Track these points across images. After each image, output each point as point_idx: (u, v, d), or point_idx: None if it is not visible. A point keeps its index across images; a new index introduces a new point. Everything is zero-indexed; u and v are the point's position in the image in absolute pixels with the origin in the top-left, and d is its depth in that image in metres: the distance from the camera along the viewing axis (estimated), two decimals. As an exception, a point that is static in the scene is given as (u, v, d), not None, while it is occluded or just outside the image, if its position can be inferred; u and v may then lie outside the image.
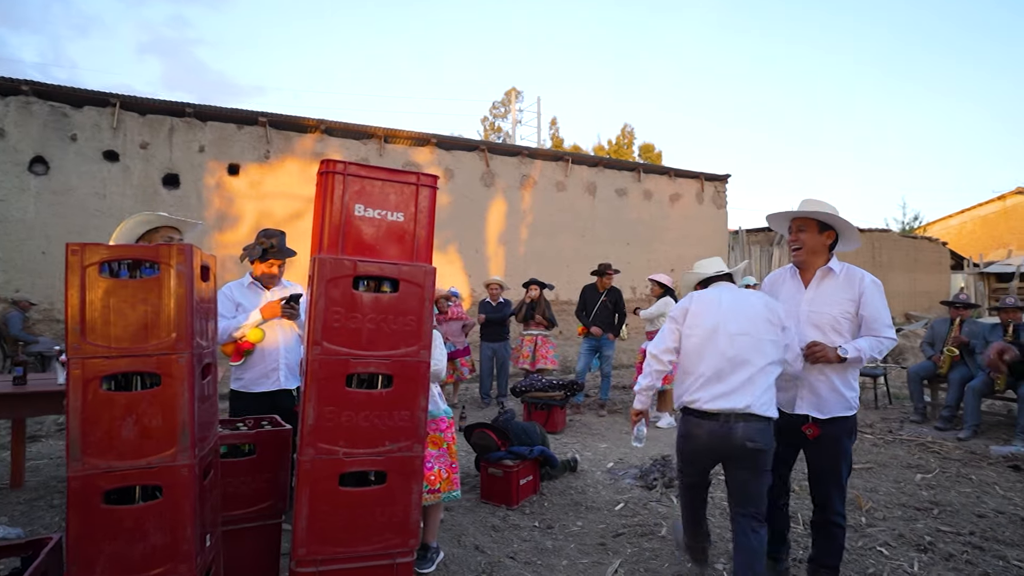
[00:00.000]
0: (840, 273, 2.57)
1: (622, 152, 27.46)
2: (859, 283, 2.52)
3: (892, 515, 3.71)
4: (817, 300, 2.57)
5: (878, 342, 2.50)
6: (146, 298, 1.77)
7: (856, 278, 2.54)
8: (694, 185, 13.72)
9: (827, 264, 2.59)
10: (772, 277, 2.85)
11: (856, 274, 2.56)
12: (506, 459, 3.95)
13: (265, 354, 3.33)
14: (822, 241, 2.59)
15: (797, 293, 2.65)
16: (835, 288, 2.55)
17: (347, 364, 2.09)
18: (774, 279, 2.82)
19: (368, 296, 2.13)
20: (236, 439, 2.48)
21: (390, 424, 2.13)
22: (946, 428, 5.85)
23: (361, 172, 2.15)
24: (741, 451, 2.42)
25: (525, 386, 6.15)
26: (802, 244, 2.60)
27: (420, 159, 10.88)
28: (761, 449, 2.42)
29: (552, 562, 3.11)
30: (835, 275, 2.56)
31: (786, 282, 2.72)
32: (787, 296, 2.68)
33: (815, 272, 2.60)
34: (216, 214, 9.40)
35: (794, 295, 2.65)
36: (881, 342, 2.50)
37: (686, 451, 2.66)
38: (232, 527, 2.39)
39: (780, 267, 2.81)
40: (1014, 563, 3.07)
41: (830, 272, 2.57)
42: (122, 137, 8.82)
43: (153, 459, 1.75)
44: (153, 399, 1.77)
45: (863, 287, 2.51)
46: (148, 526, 1.73)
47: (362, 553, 2.11)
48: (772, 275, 2.86)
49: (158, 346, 1.78)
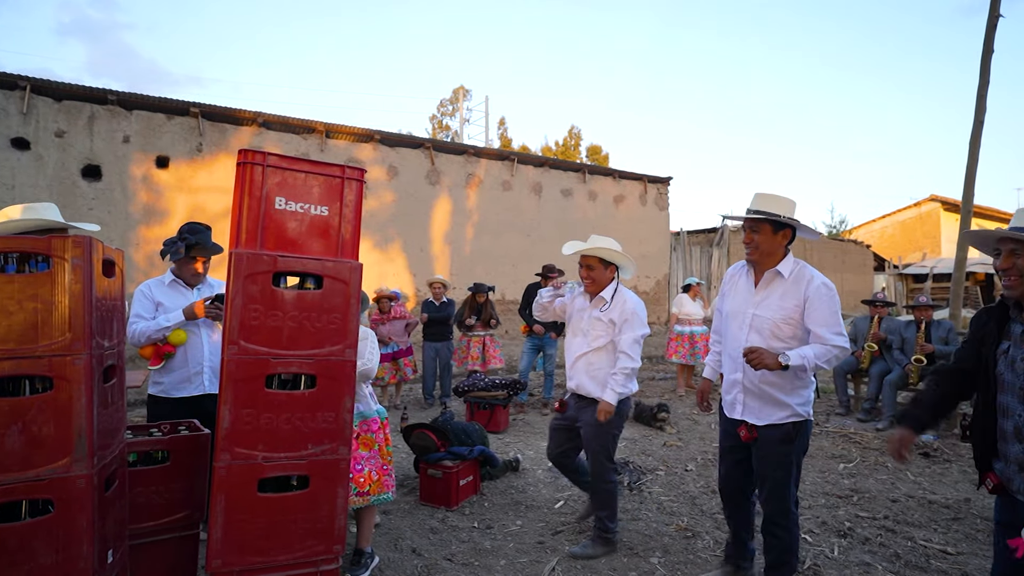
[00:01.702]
0: (789, 277, 2.47)
1: (569, 154, 27.78)
2: (806, 287, 2.42)
3: (817, 503, 3.88)
4: (763, 304, 2.50)
5: (826, 350, 2.37)
6: (36, 294, 1.62)
7: (804, 281, 2.44)
8: (637, 187, 14.03)
9: (776, 267, 2.49)
10: (731, 271, 2.74)
11: (805, 277, 2.45)
12: (445, 460, 3.90)
13: (188, 357, 3.14)
14: (777, 241, 2.48)
15: (748, 294, 2.59)
16: (781, 292, 2.47)
17: (266, 364, 1.99)
18: (733, 273, 2.72)
19: (290, 293, 2.04)
20: (147, 445, 2.32)
21: (313, 426, 2.04)
22: (867, 419, 6.20)
23: (282, 163, 2.05)
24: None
25: (467, 386, 6.11)
26: (757, 245, 2.49)
27: (363, 156, 10.65)
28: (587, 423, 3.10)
29: (490, 563, 3.08)
30: (783, 279, 2.48)
31: (741, 279, 2.66)
32: (740, 295, 2.63)
33: (764, 274, 2.53)
34: (143, 209, 8.89)
35: (745, 295, 2.60)
36: (829, 350, 2.37)
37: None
38: (144, 540, 2.23)
39: (727, 267, 2.85)
40: (920, 543, 3.27)
41: (778, 276, 2.49)
42: (34, 124, 8.20)
43: (43, 471, 1.60)
44: (44, 405, 1.62)
45: (809, 292, 2.41)
46: (36, 544, 1.58)
47: (282, 562, 2.01)
48: (732, 268, 2.74)
49: (50, 347, 1.63)
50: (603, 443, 3.15)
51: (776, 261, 2.50)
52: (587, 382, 3.15)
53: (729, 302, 2.69)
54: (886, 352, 6.33)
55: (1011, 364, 1.79)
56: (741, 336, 2.55)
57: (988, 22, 6.48)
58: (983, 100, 6.47)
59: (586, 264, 3.17)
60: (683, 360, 7.62)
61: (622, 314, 3.12)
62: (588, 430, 3.16)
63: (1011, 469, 1.81)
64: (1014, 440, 1.78)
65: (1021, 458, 1.77)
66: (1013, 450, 1.79)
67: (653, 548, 3.23)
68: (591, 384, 3.14)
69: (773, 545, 2.58)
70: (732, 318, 2.63)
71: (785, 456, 2.49)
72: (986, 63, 6.44)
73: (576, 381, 3.20)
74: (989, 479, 1.89)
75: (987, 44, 6.44)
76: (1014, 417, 1.78)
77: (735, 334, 2.59)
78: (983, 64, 6.44)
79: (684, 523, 3.56)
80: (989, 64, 6.43)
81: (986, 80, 6.45)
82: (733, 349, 2.59)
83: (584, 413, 3.18)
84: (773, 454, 2.50)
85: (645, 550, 3.21)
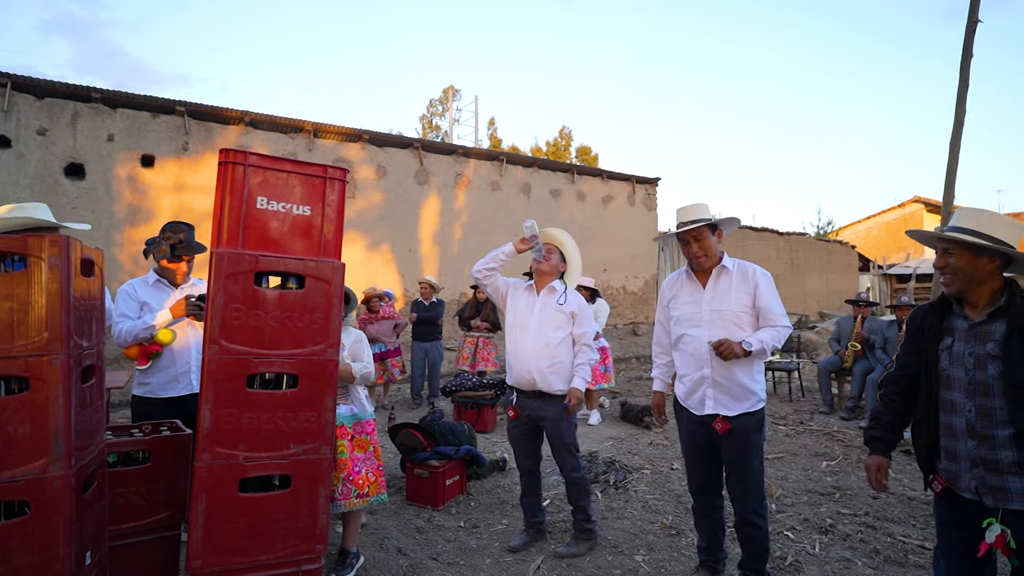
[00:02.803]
0: (734, 270, 2.64)
1: (560, 154, 27.83)
2: (752, 276, 2.61)
3: (799, 501, 3.93)
4: (717, 299, 2.62)
5: (776, 331, 2.57)
6: (11, 294, 1.61)
7: (749, 272, 2.63)
8: (626, 187, 14.09)
9: (721, 263, 2.65)
10: (669, 281, 2.86)
11: (748, 269, 2.65)
12: (432, 459, 3.90)
13: (175, 356, 3.11)
14: (714, 242, 2.65)
15: (696, 294, 2.69)
16: (730, 284, 2.62)
17: (248, 364, 1.99)
18: (672, 283, 2.83)
19: (272, 293, 2.04)
20: (128, 446, 2.30)
21: (295, 426, 2.04)
22: (850, 418, 6.28)
23: (264, 163, 2.05)
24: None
25: (455, 386, 6.11)
26: (703, 252, 2.63)
27: (351, 155, 10.60)
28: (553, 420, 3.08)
29: (475, 561, 3.09)
30: (729, 272, 2.64)
31: (684, 284, 2.76)
32: (687, 298, 2.72)
33: (711, 272, 2.66)
34: (128, 208, 8.79)
35: (694, 297, 2.69)
36: (779, 331, 2.58)
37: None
38: (123, 542, 2.22)
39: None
40: (899, 539, 3.32)
41: (724, 270, 2.65)
42: (15, 121, 8.08)
43: (18, 472, 1.59)
44: (20, 405, 1.61)
45: (756, 280, 2.60)
46: (12, 546, 1.57)
47: (264, 562, 2.01)
48: (669, 279, 2.86)
49: (26, 347, 1.62)
50: (571, 435, 3.17)
51: (719, 259, 2.66)
52: (550, 376, 3.07)
53: (679, 308, 2.74)
54: (869, 351, 6.42)
55: (958, 359, 1.81)
56: (702, 334, 2.62)
57: (967, 27, 6.59)
58: (963, 103, 6.58)
59: (547, 248, 3.17)
60: None
61: (581, 308, 3.17)
62: (554, 426, 3.12)
63: (961, 467, 1.81)
64: (965, 437, 1.79)
65: (973, 454, 1.77)
66: (963, 447, 1.79)
67: (638, 546, 3.26)
68: (554, 378, 3.08)
69: (753, 535, 2.63)
70: (686, 321, 2.70)
71: (757, 443, 2.62)
72: (965, 67, 6.55)
73: (534, 376, 3.08)
74: (936, 482, 1.91)
75: (966, 48, 6.55)
76: (964, 413, 1.79)
77: (694, 335, 2.66)
78: (962, 68, 6.55)
79: (669, 521, 3.59)
80: (968, 68, 6.54)
81: (965, 84, 6.56)
82: (695, 349, 2.65)
83: (546, 410, 3.12)
84: (748, 443, 2.59)
85: (630, 548, 3.23)
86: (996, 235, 1.78)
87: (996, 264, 1.79)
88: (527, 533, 3.30)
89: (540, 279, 3.20)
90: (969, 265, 1.79)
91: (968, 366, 1.78)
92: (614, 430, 5.91)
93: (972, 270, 1.79)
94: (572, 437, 3.19)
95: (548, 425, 3.15)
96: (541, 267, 3.17)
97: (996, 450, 1.72)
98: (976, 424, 1.76)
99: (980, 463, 1.76)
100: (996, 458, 1.72)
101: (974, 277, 1.80)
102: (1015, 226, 1.81)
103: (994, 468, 1.73)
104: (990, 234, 1.78)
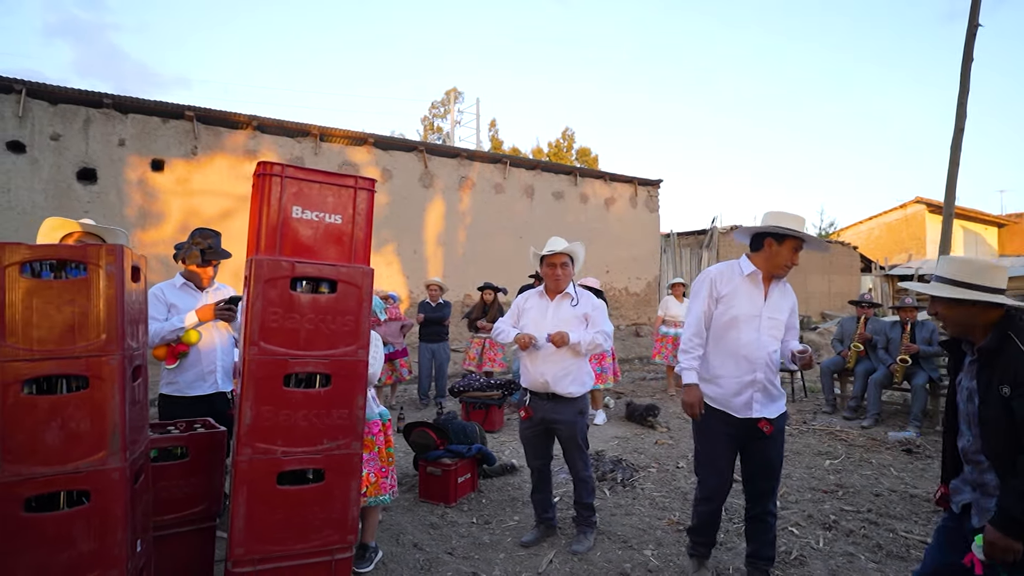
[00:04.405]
0: (781, 283, 2.80)
1: (562, 155, 27.94)
2: (790, 294, 2.82)
3: (803, 498, 4.04)
4: (772, 306, 2.73)
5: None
6: (73, 299, 1.73)
7: (788, 289, 2.82)
8: (628, 189, 14.20)
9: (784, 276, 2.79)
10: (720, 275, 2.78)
11: (787, 285, 2.83)
12: (444, 458, 4.00)
13: (202, 356, 3.24)
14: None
15: (756, 297, 2.72)
16: (781, 296, 2.77)
17: (285, 364, 2.11)
18: (725, 278, 2.77)
19: (306, 297, 2.15)
20: (168, 442, 2.43)
21: (328, 422, 2.16)
22: (852, 417, 6.38)
23: (299, 175, 2.17)
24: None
25: (463, 386, 6.21)
26: (796, 263, 2.72)
27: (357, 159, 10.73)
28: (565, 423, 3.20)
29: (489, 556, 3.19)
30: (782, 285, 2.79)
31: (742, 284, 2.73)
32: (747, 299, 2.71)
33: (772, 281, 2.75)
34: (139, 212, 8.93)
35: (752, 299, 2.71)
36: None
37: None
38: (164, 532, 2.34)
39: (711, 267, 2.90)
40: (901, 535, 3.44)
41: (781, 282, 2.79)
42: (29, 127, 8.22)
43: (81, 464, 1.71)
44: (81, 402, 1.73)
45: (793, 298, 2.83)
46: (75, 533, 1.69)
47: (300, 551, 2.13)
48: (717, 272, 2.79)
49: (87, 348, 1.74)
50: (583, 436, 3.29)
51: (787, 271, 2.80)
52: (563, 380, 3.17)
53: (738, 307, 2.69)
54: (871, 352, 6.52)
55: (962, 391, 1.94)
56: (757, 337, 2.66)
57: (967, 31, 6.67)
58: (963, 107, 6.67)
59: (560, 263, 3.27)
60: (667, 361, 7.79)
61: (594, 308, 3.29)
62: (567, 429, 3.23)
63: (962, 485, 1.97)
64: (964, 461, 1.95)
65: (969, 478, 1.93)
66: (965, 470, 1.95)
67: (647, 541, 3.37)
68: (567, 381, 3.17)
69: (767, 528, 2.77)
70: (745, 322, 2.68)
71: (783, 442, 2.81)
72: (966, 71, 6.63)
73: (547, 379, 3.16)
74: (941, 490, 2.07)
75: (967, 52, 6.64)
76: (963, 439, 1.94)
77: (750, 336, 2.67)
78: (963, 72, 6.64)
79: (676, 517, 3.70)
80: (969, 72, 6.63)
81: (966, 88, 6.65)
82: (749, 351, 2.66)
83: (560, 412, 3.21)
84: (780, 443, 2.77)
85: (639, 543, 3.34)
86: (975, 281, 1.84)
87: (980, 308, 1.84)
88: (538, 529, 3.41)
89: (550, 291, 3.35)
90: (952, 312, 1.89)
91: (964, 398, 1.93)
92: (619, 429, 6.02)
93: (958, 316, 1.88)
94: (584, 440, 3.31)
95: (562, 428, 3.25)
96: (559, 285, 3.29)
97: (984, 474, 1.86)
98: (969, 450, 1.90)
99: (977, 486, 1.90)
100: (984, 481, 1.86)
101: (962, 322, 1.88)
102: (991, 268, 1.86)
103: (985, 491, 1.86)
104: (967, 281, 1.84)
